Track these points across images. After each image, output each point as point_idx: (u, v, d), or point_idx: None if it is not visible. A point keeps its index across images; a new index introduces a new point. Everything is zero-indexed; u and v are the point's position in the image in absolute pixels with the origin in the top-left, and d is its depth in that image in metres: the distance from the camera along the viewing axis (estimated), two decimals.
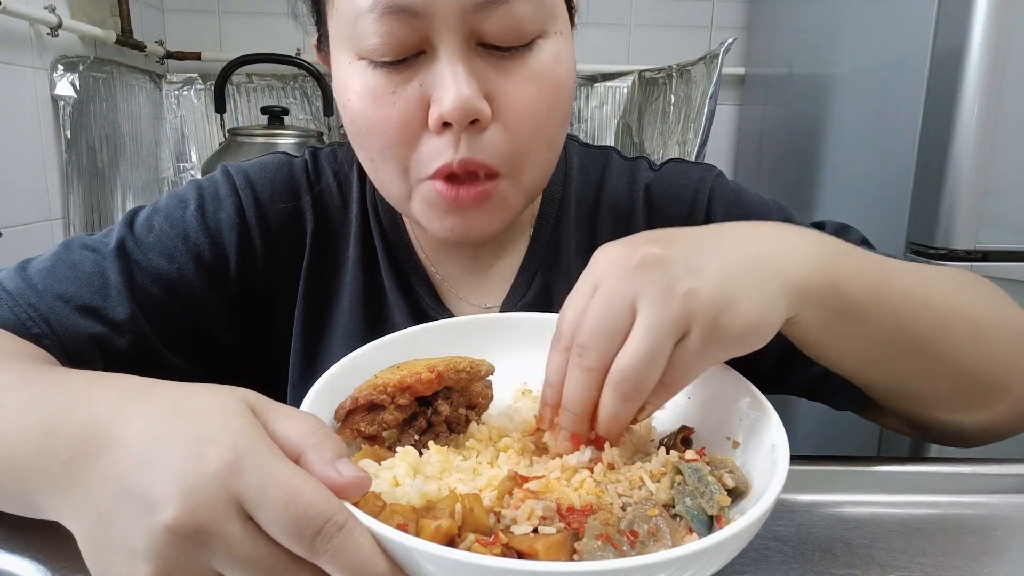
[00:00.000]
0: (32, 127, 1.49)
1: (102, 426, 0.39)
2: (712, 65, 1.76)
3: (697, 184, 0.73)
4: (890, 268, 0.54)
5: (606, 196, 0.74)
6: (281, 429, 0.38)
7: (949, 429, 0.62)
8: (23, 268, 0.63)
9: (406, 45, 0.56)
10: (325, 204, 0.74)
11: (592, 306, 0.45)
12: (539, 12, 0.57)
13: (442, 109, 0.55)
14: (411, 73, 0.57)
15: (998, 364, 0.57)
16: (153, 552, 0.35)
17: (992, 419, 0.60)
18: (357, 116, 0.60)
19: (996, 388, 0.58)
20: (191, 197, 0.70)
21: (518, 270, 0.73)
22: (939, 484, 0.60)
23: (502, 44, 0.57)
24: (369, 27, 0.55)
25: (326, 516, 0.34)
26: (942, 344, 0.54)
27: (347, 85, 0.60)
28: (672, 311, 0.43)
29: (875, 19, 1.47)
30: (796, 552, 0.50)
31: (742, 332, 0.45)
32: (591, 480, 0.43)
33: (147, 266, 0.65)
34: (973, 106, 1.20)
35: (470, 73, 0.56)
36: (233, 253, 0.69)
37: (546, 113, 0.60)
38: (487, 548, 0.36)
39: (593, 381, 0.44)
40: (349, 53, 0.59)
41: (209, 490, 0.34)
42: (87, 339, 0.61)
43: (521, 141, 0.59)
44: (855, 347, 0.53)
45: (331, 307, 0.72)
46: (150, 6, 2.02)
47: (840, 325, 0.51)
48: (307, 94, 2.05)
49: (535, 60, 0.58)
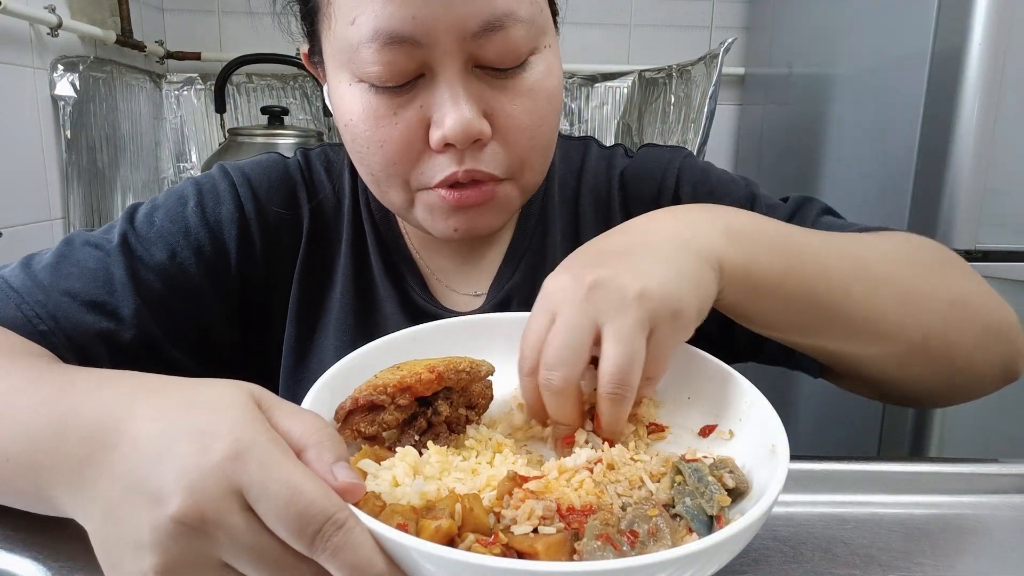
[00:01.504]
0: (32, 127, 1.49)
1: (112, 424, 0.39)
2: (712, 65, 1.76)
3: (667, 165, 0.76)
4: (811, 244, 0.58)
5: (586, 182, 0.77)
6: (285, 424, 0.39)
7: (871, 370, 0.64)
8: (27, 265, 0.64)
9: (407, 71, 0.58)
10: (320, 200, 0.76)
11: (554, 332, 0.47)
12: (531, 32, 0.59)
13: (444, 132, 0.58)
14: (412, 96, 0.59)
15: (916, 329, 0.59)
16: (159, 544, 0.35)
17: (887, 355, 0.61)
18: (358, 135, 0.62)
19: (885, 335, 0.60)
20: (190, 194, 0.71)
21: (503, 258, 0.75)
22: (939, 484, 0.60)
23: (499, 66, 0.59)
24: (370, 55, 0.57)
25: (327, 514, 0.34)
26: (861, 313, 0.58)
27: (347, 106, 0.61)
28: (634, 315, 0.46)
29: (875, 19, 1.47)
30: (796, 552, 0.50)
31: (696, 313, 0.49)
32: (591, 480, 0.43)
33: (150, 261, 0.66)
34: (973, 106, 1.20)
35: (470, 96, 0.58)
36: (233, 248, 0.70)
37: (542, 123, 0.62)
38: (487, 548, 0.36)
39: (568, 398, 0.47)
40: (348, 74, 0.60)
41: (212, 482, 0.35)
42: (94, 335, 0.62)
43: (520, 152, 0.62)
44: (776, 317, 0.57)
45: (323, 298, 0.74)
46: (150, 6, 2.02)
47: (758, 298, 0.55)
48: (307, 94, 2.05)
49: (529, 76, 0.61)
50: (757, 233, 0.56)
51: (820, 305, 0.56)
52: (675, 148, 0.79)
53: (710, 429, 0.49)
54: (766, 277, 0.54)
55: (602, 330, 0.46)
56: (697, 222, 0.54)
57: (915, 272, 0.61)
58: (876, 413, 1.38)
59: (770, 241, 0.56)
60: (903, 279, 0.59)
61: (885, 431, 1.37)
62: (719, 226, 0.54)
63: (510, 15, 0.57)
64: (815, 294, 0.56)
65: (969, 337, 0.61)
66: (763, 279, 0.54)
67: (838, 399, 1.52)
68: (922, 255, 0.64)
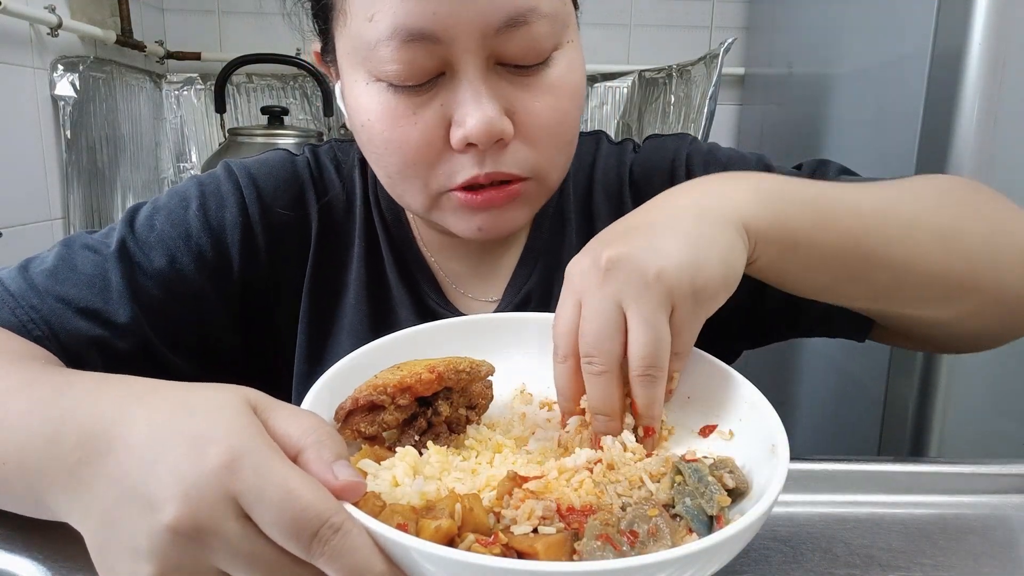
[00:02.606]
0: (32, 127, 1.49)
1: (106, 429, 0.39)
2: (712, 65, 1.76)
3: (674, 153, 0.75)
4: (840, 193, 0.56)
5: (598, 178, 0.76)
6: (282, 427, 0.38)
7: (933, 330, 0.63)
8: (25, 268, 0.63)
9: (427, 69, 0.56)
10: (329, 200, 0.74)
11: (585, 319, 0.47)
12: (554, 28, 0.58)
13: (466, 131, 0.56)
14: (432, 95, 0.57)
15: (963, 266, 0.58)
16: (155, 552, 0.35)
17: (966, 313, 0.60)
18: (376, 136, 0.60)
19: (964, 287, 0.58)
20: (193, 196, 0.69)
21: (518, 260, 0.73)
22: (939, 484, 0.60)
23: (521, 63, 0.57)
24: (388, 54, 0.55)
25: (323, 518, 0.34)
26: (902, 255, 0.56)
27: (364, 105, 0.59)
28: (654, 295, 0.46)
29: (875, 19, 1.47)
30: (796, 552, 0.50)
31: (718, 286, 0.48)
32: (591, 480, 0.43)
33: (148, 267, 0.65)
34: (973, 106, 1.20)
35: (492, 94, 0.56)
36: (236, 253, 0.69)
37: (565, 120, 0.61)
38: (487, 548, 0.36)
39: (611, 381, 0.47)
40: (365, 73, 0.59)
41: (208, 489, 0.34)
42: (88, 342, 0.61)
43: (543, 150, 0.61)
44: (817, 274, 0.56)
45: (336, 304, 0.72)
46: (150, 6, 2.02)
47: (795, 256, 0.53)
48: (307, 94, 2.05)
49: (552, 73, 0.59)
50: (783, 191, 0.54)
51: (858, 253, 0.55)
52: (679, 136, 0.78)
53: (710, 429, 0.49)
54: (798, 230, 0.52)
55: (627, 313, 0.46)
56: (720, 188, 0.53)
57: (950, 208, 0.59)
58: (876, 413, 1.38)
59: (798, 195, 0.54)
60: (939, 216, 0.58)
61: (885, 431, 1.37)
62: (743, 188, 0.53)
63: (533, 10, 0.56)
64: (852, 242, 0.54)
65: (1017, 266, 0.59)
66: (795, 232, 0.52)
67: (838, 399, 1.51)
68: (956, 191, 0.62)
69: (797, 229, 0.52)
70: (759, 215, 0.51)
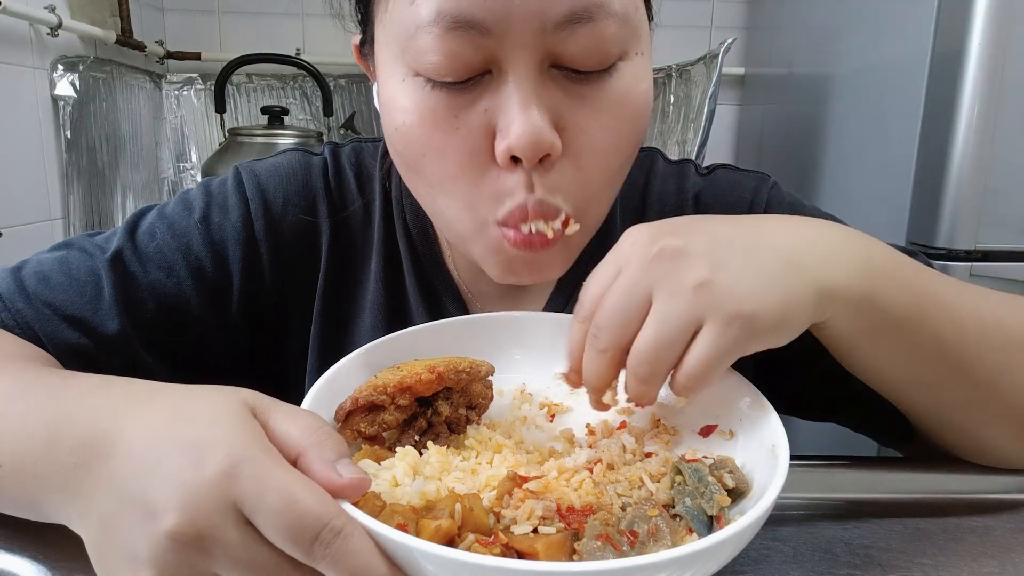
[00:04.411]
0: (32, 127, 1.49)
1: (104, 433, 0.39)
2: (712, 65, 1.76)
3: (753, 196, 0.69)
4: (940, 287, 0.52)
5: (652, 204, 0.70)
6: (283, 428, 0.38)
7: (996, 458, 0.59)
8: (19, 269, 0.61)
9: (471, 65, 0.49)
10: (345, 213, 0.68)
11: (611, 292, 0.45)
12: (624, 32, 0.51)
13: (510, 142, 0.49)
14: (475, 96, 0.51)
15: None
16: (155, 559, 0.35)
17: (1002, 423, 0.56)
18: (413, 140, 0.53)
19: (1008, 403, 0.54)
20: (198, 204, 0.66)
21: (555, 286, 0.68)
22: (939, 484, 0.60)
23: (581, 68, 0.50)
24: (429, 43, 0.49)
25: (323, 521, 0.34)
26: (990, 373, 0.52)
27: (400, 104, 0.53)
28: (683, 304, 0.43)
29: (875, 19, 1.47)
30: (796, 552, 0.50)
31: (765, 326, 0.44)
32: (591, 480, 0.43)
33: (143, 279, 0.62)
34: (973, 106, 1.20)
35: (542, 101, 0.49)
36: (237, 269, 0.65)
37: (620, 147, 0.54)
38: (487, 548, 0.36)
39: (608, 361, 0.45)
40: (403, 67, 0.52)
41: (207, 497, 0.34)
42: (72, 350, 0.59)
43: (591, 178, 0.53)
44: (891, 363, 0.52)
45: (350, 326, 0.68)
46: (150, 6, 2.02)
47: (875, 338, 0.50)
48: (307, 94, 2.05)
49: (613, 87, 0.52)
50: (893, 266, 0.50)
51: (946, 357, 0.51)
52: (759, 176, 0.71)
53: (710, 429, 0.49)
54: (892, 313, 0.49)
55: (652, 303, 0.44)
56: (827, 247, 0.48)
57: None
58: None
59: (905, 277, 0.50)
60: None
61: None
62: (851, 255, 0.48)
63: (602, 6, 0.49)
64: (944, 344, 0.51)
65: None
66: (888, 315, 0.49)
67: None
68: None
69: (886, 312, 0.49)
70: (847, 284, 0.47)
